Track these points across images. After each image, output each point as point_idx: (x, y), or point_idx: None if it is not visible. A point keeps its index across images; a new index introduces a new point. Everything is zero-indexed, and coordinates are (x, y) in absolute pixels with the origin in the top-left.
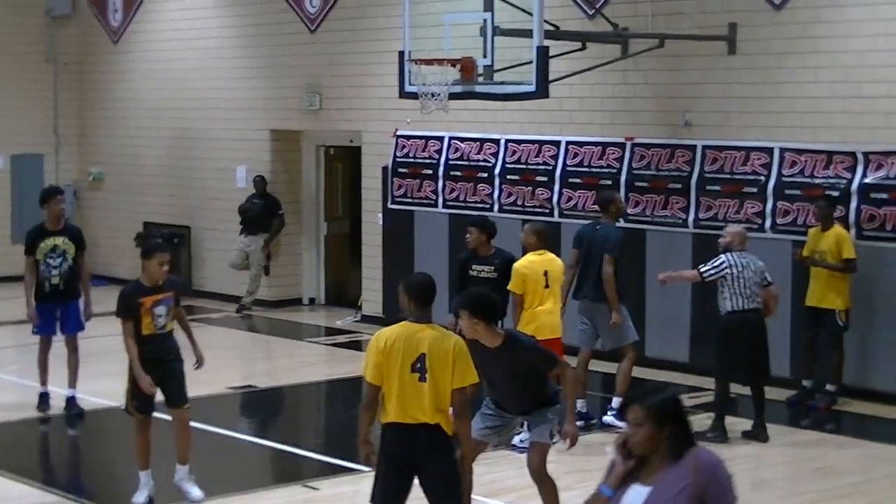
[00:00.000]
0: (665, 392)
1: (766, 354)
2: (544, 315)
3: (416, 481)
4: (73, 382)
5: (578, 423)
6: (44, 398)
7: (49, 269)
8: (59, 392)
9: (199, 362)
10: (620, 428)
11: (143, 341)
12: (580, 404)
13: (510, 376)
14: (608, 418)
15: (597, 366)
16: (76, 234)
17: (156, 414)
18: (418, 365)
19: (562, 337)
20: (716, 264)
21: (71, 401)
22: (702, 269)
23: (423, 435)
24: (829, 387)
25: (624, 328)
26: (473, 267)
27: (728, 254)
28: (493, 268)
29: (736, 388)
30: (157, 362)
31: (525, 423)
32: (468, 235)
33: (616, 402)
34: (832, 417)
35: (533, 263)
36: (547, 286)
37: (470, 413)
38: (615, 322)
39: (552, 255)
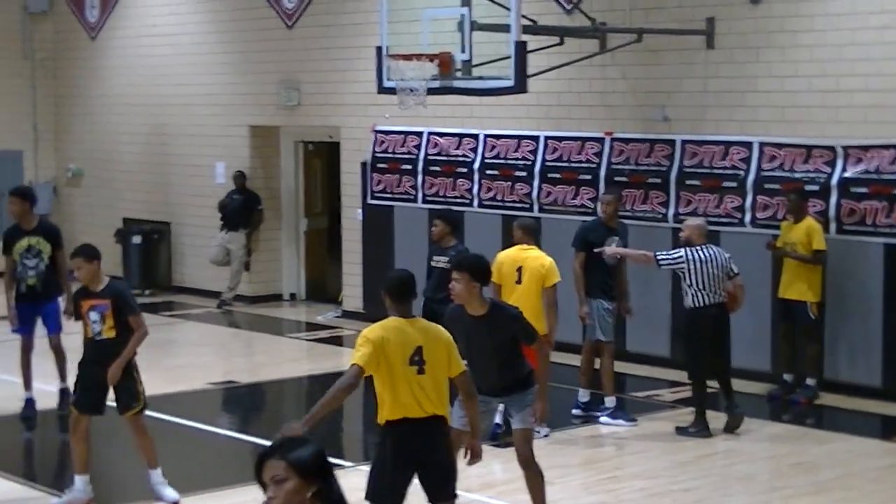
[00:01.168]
0: (308, 444)
1: (728, 348)
2: None
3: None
4: (63, 376)
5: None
6: (29, 404)
7: (25, 269)
8: (43, 390)
9: (112, 372)
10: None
11: (87, 345)
12: (583, 393)
13: (491, 348)
14: (604, 419)
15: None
16: (51, 232)
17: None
18: (416, 358)
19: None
20: (673, 255)
21: (64, 393)
22: (658, 255)
23: (431, 427)
24: (809, 381)
25: (592, 324)
26: (434, 258)
27: (687, 248)
28: (447, 259)
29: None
30: (101, 366)
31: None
32: (434, 227)
33: (609, 401)
34: (813, 412)
35: (508, 256)
36: (519, 282)
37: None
38: (579, 315)
39: (538, 253)
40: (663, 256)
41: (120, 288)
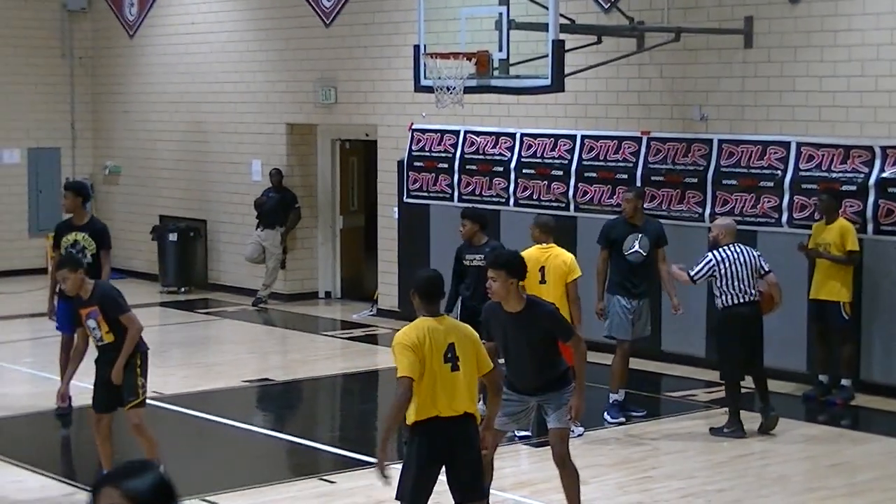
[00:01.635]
0: (148, 473)
1: (761, 348)
2: None
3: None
4: None
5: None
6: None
7: None
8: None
9: (114, 376)
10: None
11: (98, 350)
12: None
13: (527, 345)
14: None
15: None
16: (98, 230)
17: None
18: (449, 355)
19: None
20: (703, 266)
21: None
22: (692, 274)
23: (462, 426)
24: (844, 382)
25: (609, 321)
26: (466, 256)
27: (715, 250)
28: (482, 256)
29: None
30: (110, 366)
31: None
32: (461, 227)
33: (611, 397)
34: (848, 413)
35: (530, 256)
36: (543, 281)
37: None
38: (595, 310)
39: (558, 251)
40: (695, 271)
41: (105, 290)
